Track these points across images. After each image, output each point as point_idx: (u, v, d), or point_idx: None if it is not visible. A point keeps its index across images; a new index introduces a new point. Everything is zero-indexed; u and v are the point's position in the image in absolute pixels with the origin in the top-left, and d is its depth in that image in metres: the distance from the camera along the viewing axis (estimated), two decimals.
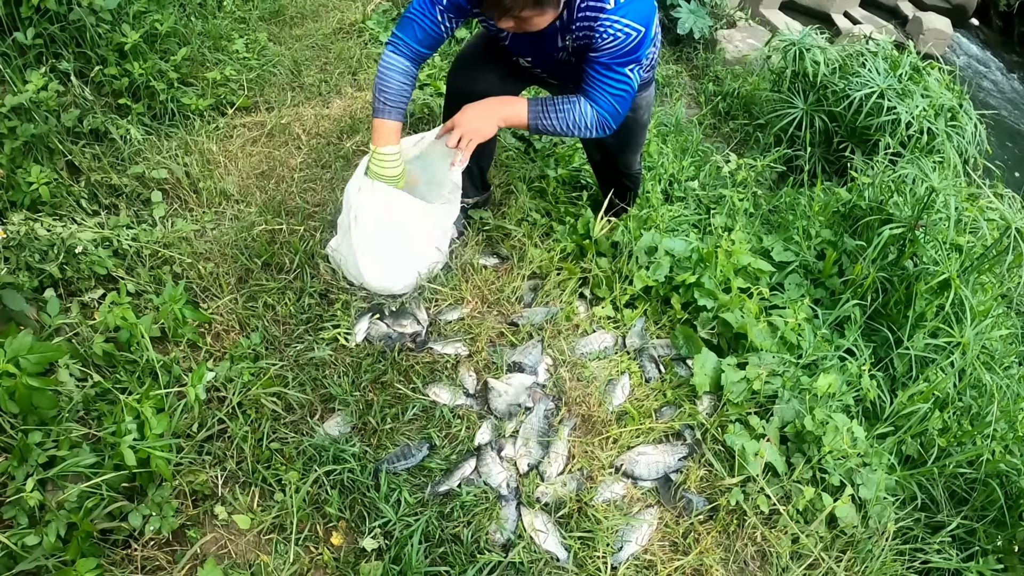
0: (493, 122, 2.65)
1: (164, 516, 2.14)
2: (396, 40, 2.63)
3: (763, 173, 4.36)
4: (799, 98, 4.86)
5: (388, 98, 2.63)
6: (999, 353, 3.13)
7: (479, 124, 2.63)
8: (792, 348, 2.85)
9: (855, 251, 3.25)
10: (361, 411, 2.55)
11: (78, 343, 2.50)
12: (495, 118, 2.65)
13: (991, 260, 3.05)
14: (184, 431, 2.36)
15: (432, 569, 2.17)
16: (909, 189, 3.40)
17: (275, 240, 3.08)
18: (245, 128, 3.83)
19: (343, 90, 4.33)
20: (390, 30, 4.69)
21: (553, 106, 2.63)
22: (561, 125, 2.64)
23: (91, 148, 3.34)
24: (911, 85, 4.60)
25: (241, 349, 2.65)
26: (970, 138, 4.60)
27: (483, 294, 3.01)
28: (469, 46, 2.93)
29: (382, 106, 2.64)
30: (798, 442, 2.59)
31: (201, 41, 4.21)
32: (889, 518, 2.50)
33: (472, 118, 2.63)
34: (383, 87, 2.63)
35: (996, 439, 2.74)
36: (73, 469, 2.09)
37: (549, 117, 2.64)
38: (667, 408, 2.73)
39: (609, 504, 2.41)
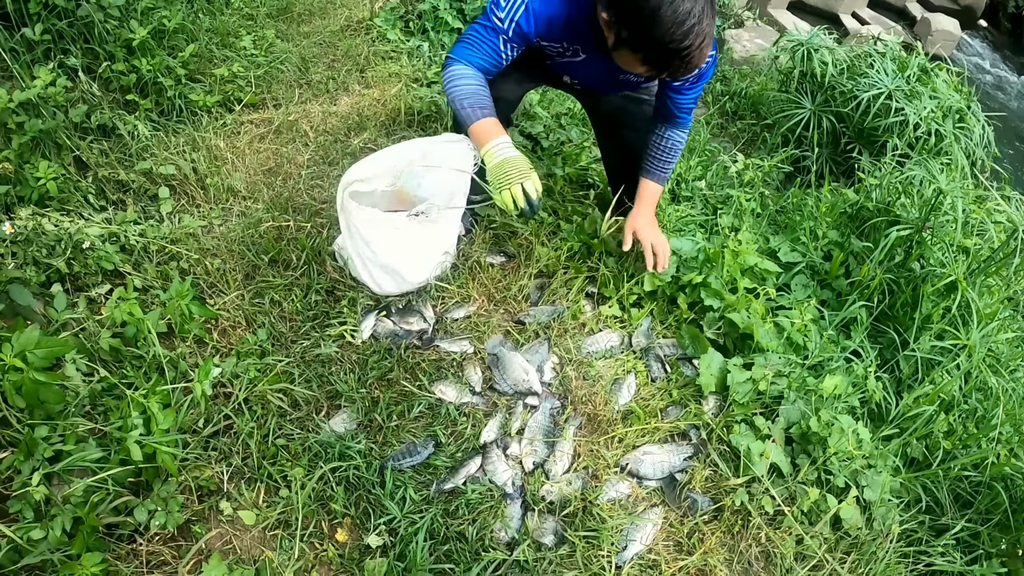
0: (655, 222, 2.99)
1: (169, 511, 2.15)
2: (452, 59, 2.59)
3: (770, 173, 4.35)
4: (807, 98, 4.85)
5: (471, 102, 2.55)
6: (1005, 356, 3.12)
7: (656, 233, 2.95)
8: (798, 349, 2.85)
9: (862, 252, 3.24)
10: (367, 408, 2.55)
11: (85, 338, 2.51)
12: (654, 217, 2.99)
13: (998, 263, 3.04)
14: (190, 427, 2.37)
15: (437, 566, 2.18)
16: (916, 191, 3.39)
17: (282, 237, 3.09)
18: (252, 125, 3.83)
19: (351, 87, 4.33)
20: (398, 27, 4.73)
21: (668, 159, 2.92)
22: (675, 164, 2.96)
23: (99, 144, 3.34)
24: (919, 86, 4.58)
25: (247, 345, 2.66)
26: (978, 140, 4.58)
27: (490, 292, 3.01)
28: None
29: (470, 110, 2.56)
30: (803, 443, 2.59)
31: (209, 38, 4.22)
32: (893, 520, 2.50)
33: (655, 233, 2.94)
34: (463, 94, 2.56)
35: (1001, 442, 2.73)
36: (79, 463, 2.09)
37: (669, 169, 2.97)
38: (673, 408, 2.73)
39: (614, 503, 2.41)
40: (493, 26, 2.49)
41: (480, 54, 2.55)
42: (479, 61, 2.56)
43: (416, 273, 2.89)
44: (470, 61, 2.56)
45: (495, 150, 2.53)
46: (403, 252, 2.77)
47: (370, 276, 2.84)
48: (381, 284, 2.86)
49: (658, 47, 2.13)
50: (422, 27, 4.97)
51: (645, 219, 2.95)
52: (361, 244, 2.73)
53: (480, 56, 2.56)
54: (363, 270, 2.84)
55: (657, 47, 2.13)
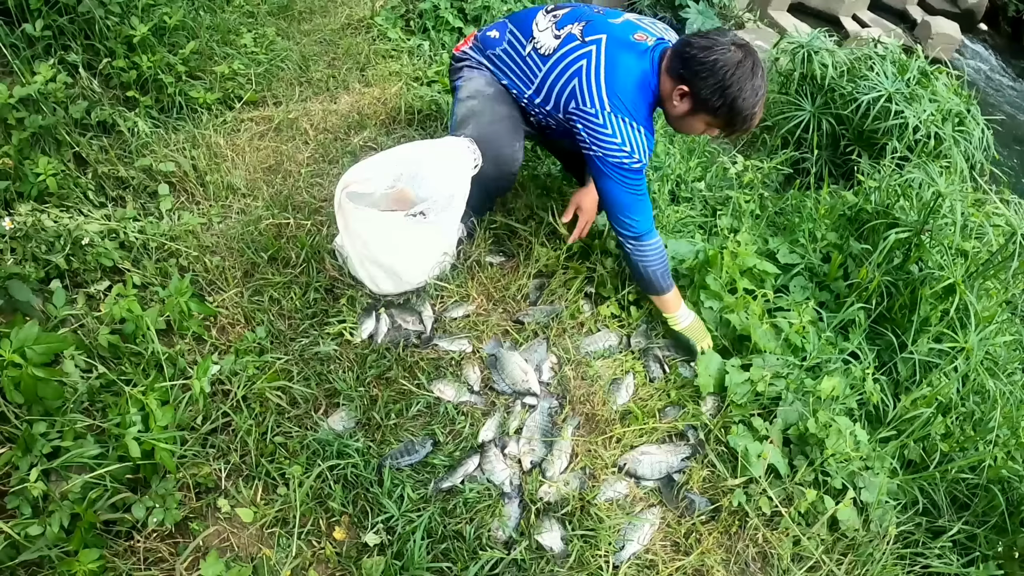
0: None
1: (167, 508, 2.15)
2: (642, 228, 2.73)
3: (770, 175, 4.34)
4: (807, 100, 4.85)
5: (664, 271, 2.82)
6: (1003, 359, 3.12)
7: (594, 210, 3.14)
8: (796, 350, 2.85)
9: (861, 255, 3.24)
10: (365, 407, 2.55)
11: (84, 334, 2.51)
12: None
13: (996, 266, 3.04)
14: (188, 424, 2.37)
15: (434, 565, 2.18)
16: (915, 193, 3.40)
17: (281, 234, 3.09)
18: (253, 122, 3.83)
19: (351, 86, 4.33)
20: (399, 26, 4.74)
21: None
22: None
23: (98, 140, 3.34)
24: (919, 89, 4.59)
25: (246, 343, 2.66)
26: (977, 143, 4.58)
27: (489, 292, 3.01)
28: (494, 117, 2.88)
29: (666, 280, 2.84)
30: (801, 444, 2.59)
31: (210, 35, 4.21)
32: (890, 522, 2.50)
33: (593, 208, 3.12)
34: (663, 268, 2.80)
35: (998, 445, 2.73)
36: (77, 460, 2.09)
37: None
38: (671, 408, 2.74)
39: (612, 503, 2.42)
40: (636, 170, 2.63)
41: (645, 201, 2.72)
42: (648, 208, 2.74)
43: (414, 273, 2.89)
44: (649, 219, 2.74)
45: (679, 318, 2.90)
46: (401, 252, 2.77)
47: (368, 275, 2.85)
48: (379, 284, 2.86)
49: (738, 115, 2.47)
50: (423, 26, 4.97)
51: (588, 195, 3.13)
52: (359, 244, 2.73)
53: (646, 202, 2.73)
54: (361, 269, 2.84)
55: (738, 115, 2.47)
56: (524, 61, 2.77)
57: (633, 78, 2.56)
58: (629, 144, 2.55)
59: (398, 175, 2.86)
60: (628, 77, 2.55)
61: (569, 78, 2.61)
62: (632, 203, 2.66)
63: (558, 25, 2.71)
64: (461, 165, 2.73)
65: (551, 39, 2.69)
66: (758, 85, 2.43)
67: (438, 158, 2.79)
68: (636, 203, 2.67)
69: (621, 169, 2.59)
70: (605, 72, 2.55)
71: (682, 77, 2.48)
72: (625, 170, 2.59)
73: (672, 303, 2.86)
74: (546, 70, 2.69)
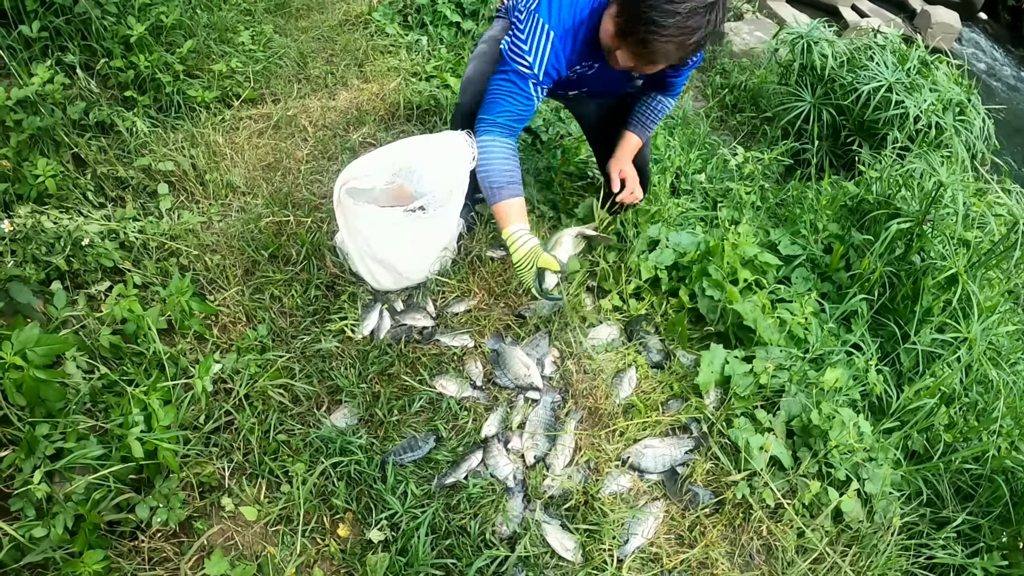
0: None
1: (171, 508, 2.15)
2: (487, 124, 2.62)
3: (770, 166, 4.34)
4: (806, 91, 4.84)
5: (495, 181, 2.65)
6: (1006, 349, 3.11)
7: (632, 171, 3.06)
8: (799, 342, 2.85)
9: (862, 245, 3.24)
10: (368, 403, 2.55)
11: (85, 335, 2.50)
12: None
13: (999, 256, 3.04)
14: (191, 423, 2.37)
15: (438, 561, 2.18)
16: (917, 183, 3.39)
17: (282, 232, 3.08)
18: (251, 120, 3.83)
19: (349, 82, 4.32)
20: (396, 22, 4.72)
21: (653, 119, 3.02)
22: (657, 124, 3.08)
23: (97, 141, 3.34)
24: (919, 79, 4.58)
25: (248, 341, 2.65)
26: (978, 133, 4.58)
27: (490, 286, 3.01)
28: (481, 72, 2.81)
29: (496, 191, 2.66)
30: (804, 436, 2.59)
31: (207, 33, 4.21)
32: (894, 513, 2.50)
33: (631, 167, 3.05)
34: (489, 175, 2.65)
35: (1002, 435, 2.73)
36: (80, 461, 2.09)
37: (652, 128, 3.07)
38: (674, 401, 2.73)
39: (615, 497, 2.41)
40: (520, 73, 2.50)
41: (510, 107, 2.58)
42: (511, 116, 2.59)
43: (414, 269, 2.88)
44: (501, 122, 2.60)
45: (516, 236, 2.66)
46: (401, 248, 2.77)
47: (368, 271, 2.84)
48: (379, 279, 2.86)
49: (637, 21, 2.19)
50: (420, 21, 4.96)
51: (624, 161, 3.06)
52: (359, 240, 2.73)
53: (511, 109, 2.58)
54: (360, 264, 2.84)
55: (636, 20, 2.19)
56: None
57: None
58: (529, 44, 2.43)
59: (397, 170, 2.86)
60: None
61: None
62: (496, 96, 2.57)
63: None
64: (459, 159, 2.71)
65: None
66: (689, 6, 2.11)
67: (436, 153, 2.78)
68: (500, 98, 2.56)
69: (508, 64, 2.50)
70: None
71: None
72: (510, 67, 2.50)
73: (503, 216, 2.68)
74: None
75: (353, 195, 2.69)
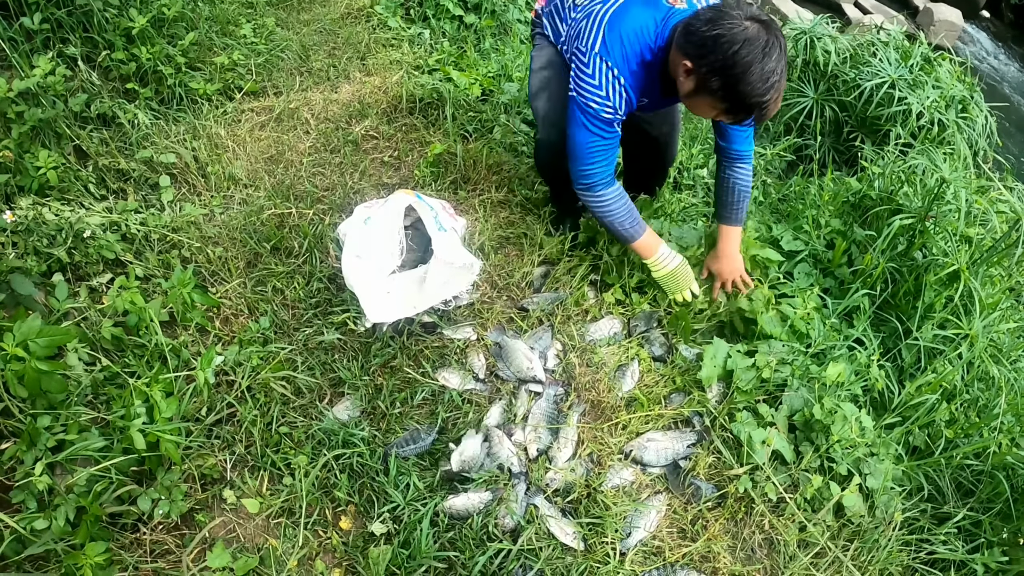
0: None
1: (173, 500, 2.16)
2: (599, 177, 2.64)
3: (773, 162, 4.35)
4: (809, 87, 4.84)
5: (626, 225, 2.73)
6: (1007, 346, 3.11)
7: (737, 266, 2.93)
8: (801, 337, 2.84)
9: (865, 241, 3.23)
10: (370, 395, 2.55)
11: (87, 327, 2.51)
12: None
13: (1000, 253, 3.03)
14: (193, 415, 2.37)
15: (441, 554, 2.18)
16: (919, 180, 3.39)
17: (284, 224, 3.08)
18: (253, 113, 3.82)
19: (352, 75, 4.32)
20: (399, 15, 4.72)
21: (740, 201, 2.89)
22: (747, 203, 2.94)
23: (99, 133, 3.34)
24: (922, 76, 4.58)
25: (250, 333, 2.65)
26: (980, 130, 4.58)
27: (493, 279, 3.01)
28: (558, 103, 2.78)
29: (630, 232, 2.75)
30: (806, 431, 2.58)
31: (209, 26, 4.21)
32: (896, 508, 2.50)
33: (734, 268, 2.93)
34: (619, 218, 2.71)
35: (1003, 432, 2.73)
36: (82, 453, 2.10)
37: (743, 209, 2.92)
38: (676, 395, 2.73)
39: (618, 490, 2.41)
40: (606, 120, 2.51)
41: (610, 153, 2.61)
42: (612, 159, 2.63)
43: (409, 311, 2.82)
44: (609, 171, 2.64)
45: (662, 261, 2.81)
46: (394, 309, 2.74)
47: (364, 303, 2.80)
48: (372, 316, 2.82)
49: (742, 101, 2.21)
50: (423, 14, 4.96)
51: (728, 262, 2.95)
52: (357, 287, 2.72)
53: (611, 154, 2.61)
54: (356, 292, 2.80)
55: (741, 101, 2.22)
56: (564, 13, 2.69)
57: (634, 27, 2.40)
58: (605, 90, 2.43)
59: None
60: (629, 25, 2.40)
61: (582, 20, 2.50)
62: (594, 152, 2.56)
63: None
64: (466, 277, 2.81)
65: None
66: (770, 69, 2.14)
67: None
68: (598, 152, 2.57)
69: (590, 115, 2.49)
70: (611, 16, 2.41)
71: (686, 52, 2.25)
72: (593, 116, 2.49)
73: (644, 249, 2.78)
74: (572, 17, 2.61)
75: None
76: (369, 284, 2.65)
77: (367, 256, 2.70)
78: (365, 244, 2.71)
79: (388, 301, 2.66)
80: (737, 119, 2.37)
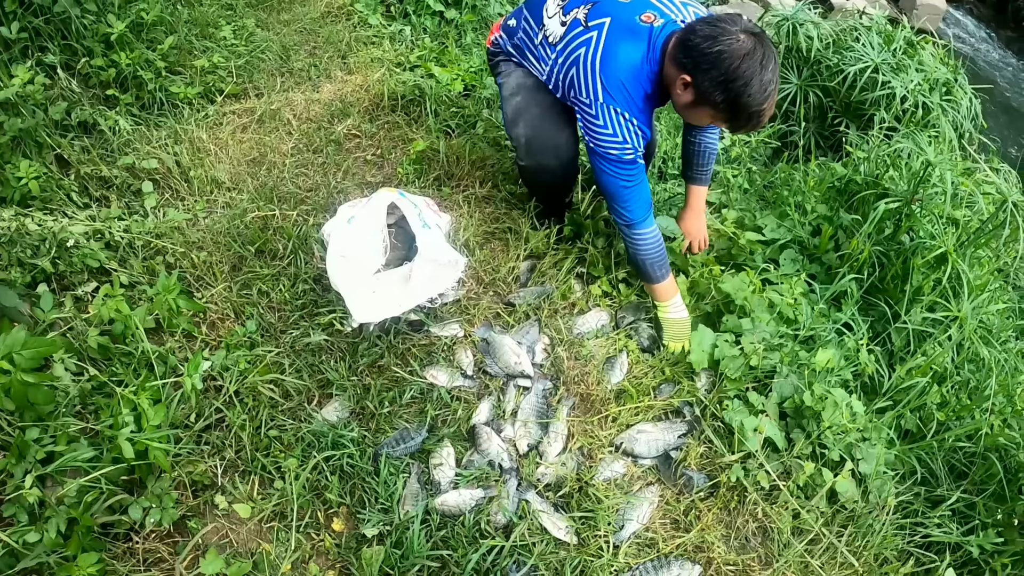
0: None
1: (164, 508, 2.14)
2: (637, 215, 2.68)
3: (757, 149, 4.34)
4: (793, 73, 4.84)
5: (656, 265, 2.77)
6: (996, 327, 3.12)
7: (703, 224, 3.14)
8: (789, 323, 2.84)
9: (851, 226, 3.23)
10: (359, 396, 2.54)
11: (73, 337, 2.49)
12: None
13: (987, 234, 3.03)
14: (182, 421, 2.36)
15: (434, 553, 2.17)
16: (905, 163, 3.38)
17: (268, 226, 3.06)
18: (235, 115, 3.80)
19: (333, 74, 4.30)
20: (379, 13, 4.69)
21: (707, 163, 3.04)
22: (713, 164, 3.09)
23: (80, 141, 3.32)
24: (905, 60, 4.58)
25: (237, 337, 2.64)
26: (965, 112, 4.58)
27: (479, 274, 3.00)
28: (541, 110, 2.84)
29: (658, 272, 2.79)
30: (797, 417, 2.58)
31: (188, 29, 4.18)
32: (889, 492, 2.50)
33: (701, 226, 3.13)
34: (651, 259, 2.75)
35: (995, 413, 2.73)
36: (71, 464, 2.08)
37: (710, 170, 3.08)
38: (666, 385, 2.73)
39: (610, 483, 2.41)
40: (628, 161, 2.54)
41: (642, 189, 2.64)
42: (645, 195, 2.66)
43: (395, 311, 2.83)
44: (644, 209, 2.67)
45: (672, 308, 2.83)
46: (380, 308, 2.71)
47: (349, 303, 2.78)
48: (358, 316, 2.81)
49: (743, 111, 2.30)
50: (403, 11, 4.94)
51: (702, 217, 3.14)
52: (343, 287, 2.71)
53: (643, 190, 2.65)
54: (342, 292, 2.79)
55: (742, 111, 2.30)
56: (538, 51, 2.72)
57: (628, 67, 2.44)
58: (620, 135, 2.47)
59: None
60: (623, 66, 2.44)
61: (569, 67, 2.54)
62: (625, 193, 2.61)
63: (565, 10, 2.61)
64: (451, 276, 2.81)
65: (558, 26, 2.61)
66: (767, 80, 2.24)
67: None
68: (629, 193, 2.61)
69: (613, 160, 2.53)
70: (601, 61, 2.45)
71: (684, 67, 2.32)
72: (617, 161, 2.53)
73: (662, 293, 2.82)
74: (552, 59, 2.63)
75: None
76: (354, 284, 2.64)
77: (352, 256, 2.69)
78: (349, 244, 2.70)
79: (374, 300, 2.64)
80: (735, 128, 2.43)
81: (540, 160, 2.87)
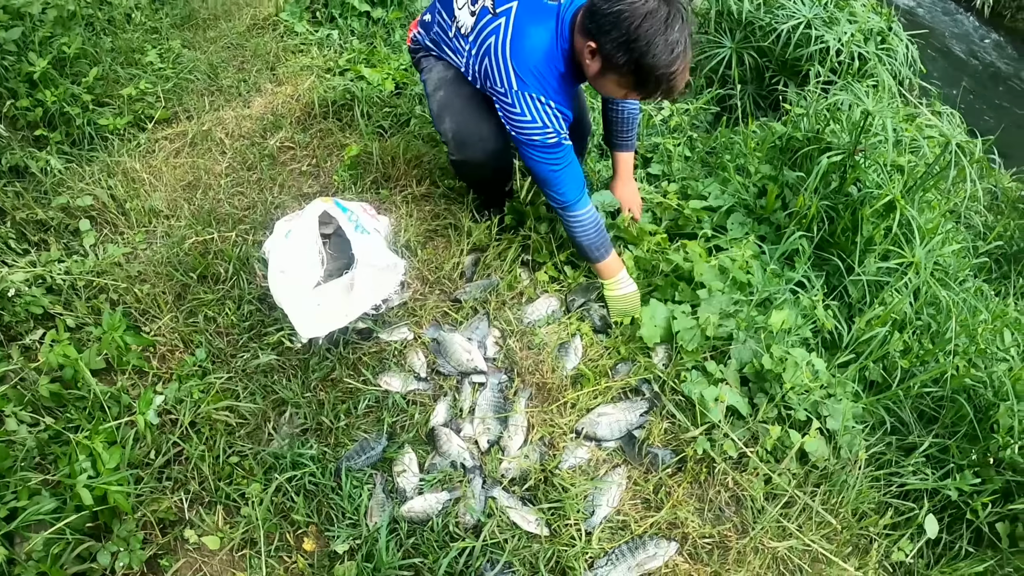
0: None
1: (132, 550, 2.13)
2: (571, 197, 2.66)
3: (697, 116, 4.33)
4: (726, 37, 4.81)
5: (596, 245, 2.76)
6: (952, 268, 3.13)
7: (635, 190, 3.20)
8: (743, 287, 2.83)
9: (796, 183, 3.23)
10: (314, 412, 2.51)
11: (24, 388, 2.45)
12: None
13: (935, 177, 3.04)
14: (141, 460, 2.32)
15: (406, 561, 2.16)
16: (845, 116, 3.38)
17: (208, 251, 3.01)
18: (167, 140, 3.73)
19: (263, 87, 4.23)
20: (305, 20, 4.63)
21: (631, 128, 3.06)
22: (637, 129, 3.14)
23: (12, 186, 3.24)
24: (837, 12, 4.57)
25: (187, 367, 2.60)
26: (903, 59, 4.58)
27: (423, 274, 2.98)
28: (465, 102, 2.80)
29: (598, 251, 2.77)
30: (759, 382, 2.57)
31: (112, 58, 4.10)
32: (860, 446, 2.50)
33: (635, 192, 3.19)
34: (591, 241, 2.74)
35: (958, 354, 2.74)
36: (35, 517, 2.05)
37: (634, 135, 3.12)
38: (622, 364, 2.72)
39: (575, 470, 2.40)
40: (552, 144, 2.52)
41: (573, 170, 2.63)
42: (577, 176, 2.65)
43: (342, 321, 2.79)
44: (576, 190, 2.66)
45: (618, 284, 2.81)
46: (326, 321, 2.67)
47: (294, 320, 2.75)
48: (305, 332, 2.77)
49: (649, 74, 2.26)
50: (329, 15, 4.87)
51: (632, 184, 3.19)
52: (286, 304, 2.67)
53: (574, 172, 2.64)
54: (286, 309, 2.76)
55: (648, 74, 2.26)
56: (453, 43, 2.69)
57: (539, 50, 2.42)
58: (539, 120, 2.45)
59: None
60: (534, 50, 2.41)
61: (482, 57, 2.50)
62: (555, 177, 2.59)
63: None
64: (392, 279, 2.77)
65: (468, 16, 2.57)
66: (674, 40, 2.18)
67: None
68: (559, 176, 2.59)
69: (537, 146, 2.51)
70: (511, 47, 2.41)
71: (590, 32, 2.28)
72: (541, 147, 2.51)
73: (607, 271, 2.80)
74: (467, 51, 2.60)
75: None
76: (297, 299, 2.59)
77: (291, 271, 2.65)
78: (288, 259, 2.66)
79: (319, 314, 2.60)
80: (646, 94, 2.38)
81: (468, 154, 2.83)
